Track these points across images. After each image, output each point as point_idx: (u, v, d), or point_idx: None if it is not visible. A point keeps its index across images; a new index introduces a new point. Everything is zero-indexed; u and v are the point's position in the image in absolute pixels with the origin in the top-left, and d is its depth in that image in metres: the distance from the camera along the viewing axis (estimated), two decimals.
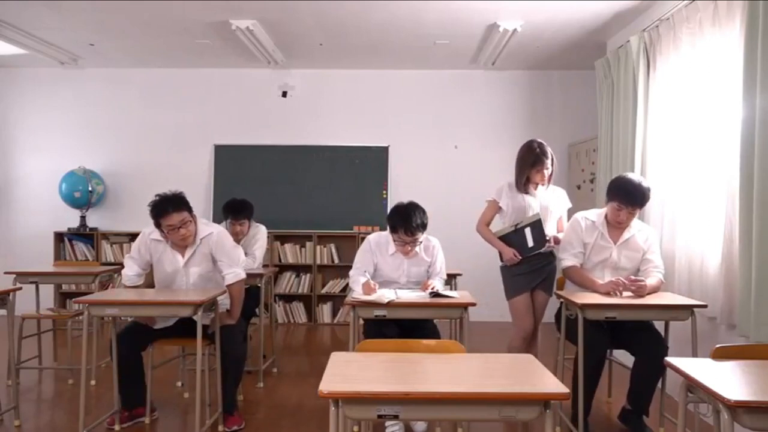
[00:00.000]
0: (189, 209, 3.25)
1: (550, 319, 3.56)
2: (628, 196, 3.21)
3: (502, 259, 3.64)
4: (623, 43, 4.71)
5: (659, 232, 4.13)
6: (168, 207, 3.15)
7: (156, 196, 3.21)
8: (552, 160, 3.57)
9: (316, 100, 6.59)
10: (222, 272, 3.35)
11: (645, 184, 3.25)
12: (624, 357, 4.10)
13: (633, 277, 3.20)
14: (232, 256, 3.41)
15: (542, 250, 3.54)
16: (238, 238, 4.41)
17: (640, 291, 3.11)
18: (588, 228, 3.35)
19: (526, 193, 3.60)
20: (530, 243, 3.53)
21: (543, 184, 3.62)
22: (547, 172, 3.57)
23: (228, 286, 3.34)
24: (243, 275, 3.42)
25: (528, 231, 3.53)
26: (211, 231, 3.35)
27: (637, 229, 3.34)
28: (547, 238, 3.53)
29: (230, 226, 4.38)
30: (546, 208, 3.61)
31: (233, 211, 4.44)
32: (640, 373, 3.21)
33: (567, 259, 3.37)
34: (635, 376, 3.24)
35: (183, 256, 3.31)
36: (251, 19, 4.91)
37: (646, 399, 3.19)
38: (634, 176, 3.35)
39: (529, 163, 3.54)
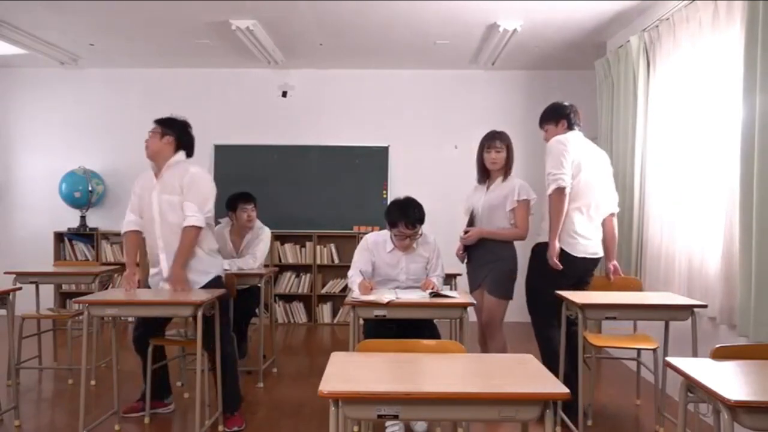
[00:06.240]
0: (173, 133, 3.51)
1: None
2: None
3: None
4: (623, 43, 4.71)
5: (659, 232, 4.14)
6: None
7: None
8: (508, 147, 3.63)
9: (316, 100, 6.58)
10: (185, 212, 3.27)
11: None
12: (626, 352, 4.10)
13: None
14: (203, 202, 3.35)
15: (483, 248, 3.60)
16: (249, 224, 4.43)
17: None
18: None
19: (484, 182, 3.69)
20: None
21: (495, 166, 3.62)
22: (499, 155, 3.60)
23: (184, 228, 3.25)
24: (202, 224, 3.31)
25: None
26: (188, 167, 3.44)
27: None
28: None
29: (241, 213, 4.40)
30: (489, 206, 3.62)
31: (242, 196, 4.45)
32: None
33: None
34: None
35: (156, 178, 3.46)
36: (251, 19, 4.91)
37: None
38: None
39: (481, 144, 3.69)
